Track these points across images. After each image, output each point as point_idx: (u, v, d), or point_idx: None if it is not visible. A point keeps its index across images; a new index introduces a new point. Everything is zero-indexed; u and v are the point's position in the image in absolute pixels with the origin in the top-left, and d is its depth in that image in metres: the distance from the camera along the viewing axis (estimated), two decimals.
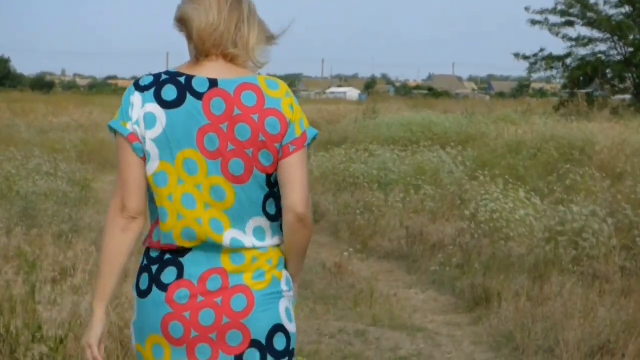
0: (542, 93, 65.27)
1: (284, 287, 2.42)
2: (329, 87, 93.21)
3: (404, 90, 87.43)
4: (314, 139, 2.42)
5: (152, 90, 2.34)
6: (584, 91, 28.78)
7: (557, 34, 29.26)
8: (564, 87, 31.49)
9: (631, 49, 28.56)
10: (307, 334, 5.85)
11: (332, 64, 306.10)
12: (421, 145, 13.72)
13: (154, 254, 2.41)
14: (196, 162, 2.31)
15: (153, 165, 2.33)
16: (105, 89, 70.97)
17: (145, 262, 2.43)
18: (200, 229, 2.32)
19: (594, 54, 29.41)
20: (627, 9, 28.68)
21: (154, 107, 2.32)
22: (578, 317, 5.49)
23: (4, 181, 9.94)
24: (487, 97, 68.06)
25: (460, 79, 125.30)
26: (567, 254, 6.87)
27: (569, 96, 29.40)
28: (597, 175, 9.85)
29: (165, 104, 2.32)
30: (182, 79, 2.34)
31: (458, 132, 17.35)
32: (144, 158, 2.33)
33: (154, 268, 2.38)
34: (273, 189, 2.39)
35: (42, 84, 70.44)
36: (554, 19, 29.22)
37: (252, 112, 2.31)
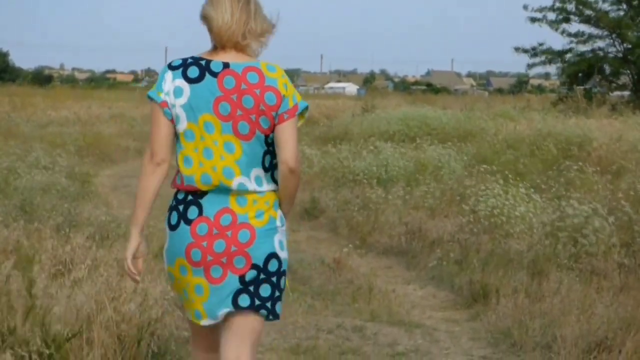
0: (540, 89, 65.30)
1: (278, 223, 3.20)
2: (328, 82, 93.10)
3: (403, 86, 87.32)
4: (305, 109, 3.20)
5: (180, 70, 3.14)
6: (582, 87, 28.79)
7: (556, 29, 29.25)
8: (562, 83, 31.51)
9: (629, 46, 28.54)
10: (305, 329, 5.85)
11: (330, 59, 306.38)
12: (420, 141, 13.70)
13: (180, 196, 3.20)
14: (213, 124, 3.11)
15: (183, 125, 3.13)
16: (103, 82, 70.89)
17: (174, 203, 3.22)
18: (214, 174, 3.11)
19: (592, 50, 29.41)
20: (624, 6, 28.67)
21: (181, 82, 3.13)
22: (576, 314, 5.49)
23: (3, 175, 9.93)
24: (486, 93, 68.00)
25: (459, 74, 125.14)
26: (566, 250, 6.87)
27: (567, 92, 29.42)
28: (596, 171, 9.86)
29: (189, 80, 3.12)
30: (203, 62, 3.15)
31: (456, 128, 17.35)
32: (172, 120, 3.13)
33: (181, 207, 3.17)
34: (269, 147, 3.17)
35: (40, 78, 70.28)
36: (552, 16, 29.21)
37: (255, 87, 3.11)
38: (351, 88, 77.94)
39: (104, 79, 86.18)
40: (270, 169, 3.20)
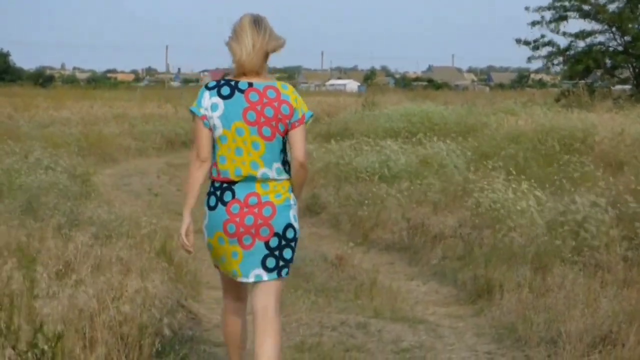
0: (541, 84, 65.19)
1: (292, 202, 4.14)
2: (329, 79, 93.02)
3: (404, 82, 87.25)
4: (311, 116, 4.17)
5: (215, 89, 4.09)
6: (584, 82, 28.70)
7: (557, 32, 29.16)
8: (564, 77, 31.44)
9: (629, 39, 28.46)
10: (308, 326, 5.84)
11: (331, 56, 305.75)
12: (422, 137, 13.65)
13: (216, 185, 4.10)
14: (243, 129, 4.04)
15: (219, 132, 4.06)
16: (104, 82, 70.88)
17: (212, 189, 4.11)
18: (244, 168, 4.05)
19: (592, 44, 29.32)
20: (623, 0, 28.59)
21: (216, 99, 4.07)
22: (580, 308, 5.47)
23: (5, 175, 9.91)
24: (487, 89, 67.97)
25: (459, 70, 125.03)
26: (567, 244, 6.84)
27: (569, 86, 29.33)
28: (598, 165, 9.82)
29: (223, 97, 4.07)
30: (232, 83, 4.09)
31: (458, 123, 17.32)
32: (210, 129, 4.07)
33: (218, 193, 4.08)
34: (285, 146, 4.12)
35: (41, 78, 70.29)
36: (550, 15, 29.11)
37: (273, 101, 4.07)
38: (352, 85, 77.88)
39: (105, 78, 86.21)
40: (286, 162, 4.14)
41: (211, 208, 4.09)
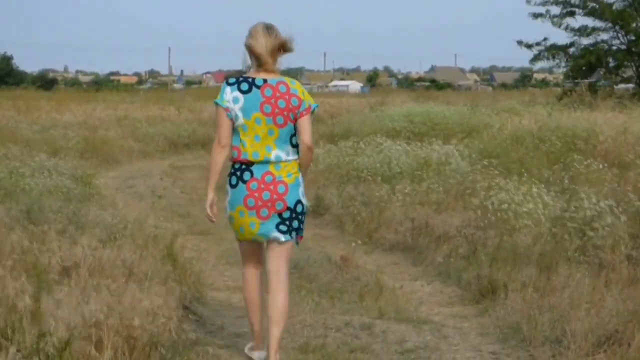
0: (544, 83, 65.12)
1: (300, 181, 4.91)
2: (331, 80, 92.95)
3: (407, 83, 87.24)
4: (316, 107, 4.97)
5: (235, 85, 4.82)
6: (586, 81, 28.67)
7: (559, 25, 29.11)
8: (567, 76, 31.36)
9: (633, 38, 28.42)
10: (313, 327, 5.83)
11: (333, 56, 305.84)
12: (425, 137, 13.64)
13: (237, 166, 4.84)
14: (260, 119, 4.79)
15: (240, 121, 4.80)
16: (107, 85, 70.90)
17: (232, 170, 4.86)
18: (261, 151, 4.80)
19: (596, 43, 29.28)
20: None
21: (237, 94, 4.81)
22: (585, 308, 5.47)
23: (8, 178, 9.92)
24: (490, 88, 67.90)
25: (462, 70, 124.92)
26: (572, 243, 6.83)
27: (572, 86, 29.30)
28: (602, 164, 9.81)
29: (242, 92, 4.81)
30: (250, 79, 4.83)
31: (461, 124, 17.31)
32: (232, 120, 4.80)
33: (239, 173, 4.82)
34: (294, 132, 4.87)
35: (44, 81, 70.35)
36: (555, 9, 29.05)
37: (285, 94, 4.83)
38: (355, 86, 77.85)
39: (108, 81, 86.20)
40: (295, 146, 4.90)
41: (233, 186, 4.84)
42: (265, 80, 4.81)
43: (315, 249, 8.60)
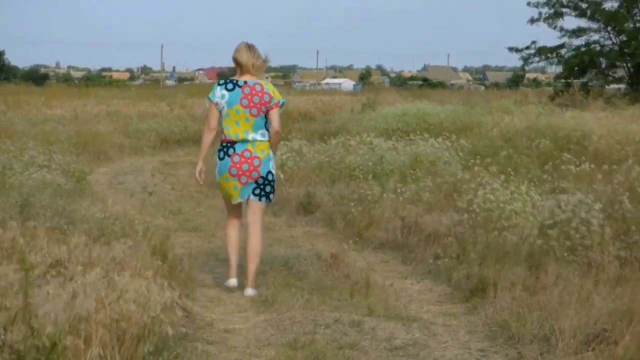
0: (536, 83, 65.28)
1: (271, 156, 6.69)
2: (324, 78, 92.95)
3: (399, 81, 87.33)
4: (284, 103, 6.81)
5: (224, 85, 6.73)
6: (578, 81, 28.77)
7: (554, 27, 29.21)
8: (558, 77, 31.45)
9: (625, 39, 28.51)
10: (302, 324, 5.84)
11: (326, 54, 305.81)
12: (416, 136, 13.61)
13: (223, 144, 6.67)
14: (240, 110, 6.63)
15: (225, 111, 6.65)
16: (99, 80, 70.72)
17: (220, 147, 6.68)
18: (241, 134, 6.62)
19: (587, 44, 29.37)
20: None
21: (224, 92, 6.69)
22: (573, 306, 5.49)
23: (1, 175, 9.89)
24: (482, 88, 67.99)
25: (455, 69, 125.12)
26: (561, 243, 6.85)
27: (564, 86, 29.39)
28: (592, 164, 9.82)
29: (228, 90, 6.69)
30: (235, 81, 6.71)
31: (453, 122, 17.31)
32: (219, 111, 6.67)
33: (225, 149, 6.66)
34: (266, 120, 6.67)
35: (36, 77, 70.16)
36: (548, 11, 29.16)
37: (259, 92, 6.67)
38: (347, 84, 77.90)
39: (100, 77, 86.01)
40: (268, 130, 6.67)
41: (221, 159, 6.68)
42: (245, 82, 6.68)
43: (306, 247, 8.60)
